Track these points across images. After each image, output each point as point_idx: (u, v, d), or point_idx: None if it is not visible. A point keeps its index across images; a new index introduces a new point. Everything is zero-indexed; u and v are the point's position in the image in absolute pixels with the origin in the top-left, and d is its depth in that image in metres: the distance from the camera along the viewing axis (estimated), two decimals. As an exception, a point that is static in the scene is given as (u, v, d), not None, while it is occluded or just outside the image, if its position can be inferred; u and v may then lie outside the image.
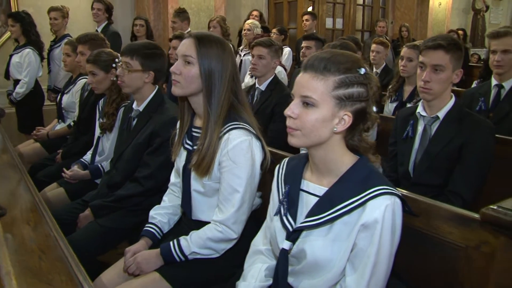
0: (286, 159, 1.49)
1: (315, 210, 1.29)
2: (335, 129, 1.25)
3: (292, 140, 1.29)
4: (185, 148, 1.87)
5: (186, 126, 1.89)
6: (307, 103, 1.24)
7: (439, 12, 8.91)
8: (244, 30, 5.64)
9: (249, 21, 5.69)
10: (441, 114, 2.09)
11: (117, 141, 2.60)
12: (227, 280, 1.70)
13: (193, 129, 1.86)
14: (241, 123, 1.71)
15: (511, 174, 2.15)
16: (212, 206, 1.80)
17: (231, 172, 1.70)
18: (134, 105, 2.44)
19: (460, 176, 2.00)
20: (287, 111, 1.26)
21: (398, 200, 1.22)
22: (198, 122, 1.84)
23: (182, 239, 1.77)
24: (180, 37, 4.15)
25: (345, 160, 1.30)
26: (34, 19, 4.75)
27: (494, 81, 2.92)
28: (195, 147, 1.78)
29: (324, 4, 7.13)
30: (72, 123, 3.71)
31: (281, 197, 1.41)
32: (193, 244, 1.74)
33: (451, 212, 1.26)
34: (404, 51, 3.36)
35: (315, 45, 4.02)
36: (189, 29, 5.31)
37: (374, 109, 1.31)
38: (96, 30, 5.05)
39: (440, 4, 8.88)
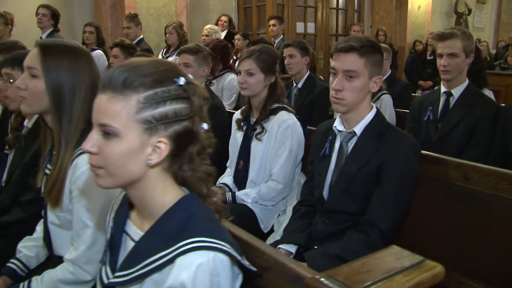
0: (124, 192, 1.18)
1: (125, 263, 0.98)
2: (149, 161, 0.95)
3: (99, 181, 0.98)
4: (45, 173, 1.58)
5: (47, 147, 1.61)
6: (107, 133, 0.93)
7: (419, 16, 8.63)
8: (203, 36, 5.36)
9: (207, 27, 5.42)
10: (358, 129, 1.78)
11: (11, 161, 2.32)
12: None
13: (54, 152, 1.57)
14: None
15: (444, 198, 1.84)
16: None
17: (79, 203, 1.41)
18: (25, 122, 2.16)
19: (378, 203, 1.69)
20: (84, 145, 0.95)
21: (221, 256, 0.91)
22: None
23: (34, 279, 1.48)
24: (120, 45, 3.86)
25: (167, 199, 0.99)
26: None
27: (443, 88, 2.62)
28: None
29: (295, 8, 6.84)
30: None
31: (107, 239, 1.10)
32: (43, 286, 1.44)
33: (290, 270, 0.94)
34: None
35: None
36: (141, 36, 5.03)
37: (205, 126, 1.00)
38: (41, 37, 4.78)
39: (419, 8, 8.60)
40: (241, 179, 2.41)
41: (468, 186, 1.73)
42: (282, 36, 5.83)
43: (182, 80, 0.95)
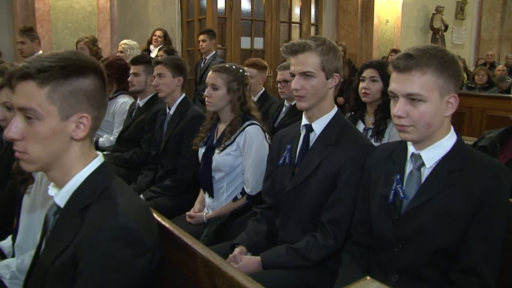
0: None
1: None
2: None
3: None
4: None
5: None
6: None
7: (387, 31, 8.01)
8: (118, 52, 4.80)
9: (122, 42, 4.86)
10: (60, 198, 1.15)
11: None
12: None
13: None
14: None
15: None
16: None
17: None
18: None
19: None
20: None
21: None
22: None
23: None
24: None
25: None
26: None
27: (303, 120, 1.96)
28: None
29: (239, 22, 6.25)
30: None
31: None
32: None
33: None
34: (209, 75, 2.42)
35: (144, 70, 3.17)
36: (40, 51, 4.45)
37: None
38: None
39: (387, 22, 7.98)
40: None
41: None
42: (214, 52, 5.27)
43: None
